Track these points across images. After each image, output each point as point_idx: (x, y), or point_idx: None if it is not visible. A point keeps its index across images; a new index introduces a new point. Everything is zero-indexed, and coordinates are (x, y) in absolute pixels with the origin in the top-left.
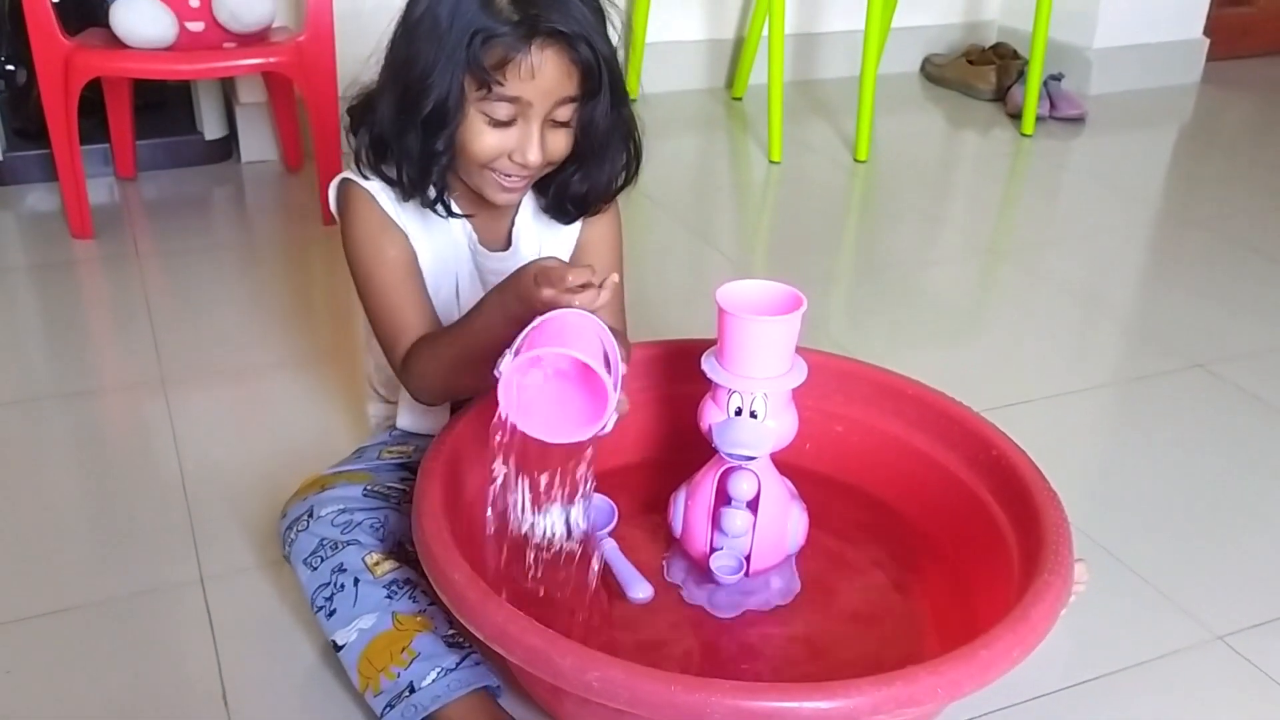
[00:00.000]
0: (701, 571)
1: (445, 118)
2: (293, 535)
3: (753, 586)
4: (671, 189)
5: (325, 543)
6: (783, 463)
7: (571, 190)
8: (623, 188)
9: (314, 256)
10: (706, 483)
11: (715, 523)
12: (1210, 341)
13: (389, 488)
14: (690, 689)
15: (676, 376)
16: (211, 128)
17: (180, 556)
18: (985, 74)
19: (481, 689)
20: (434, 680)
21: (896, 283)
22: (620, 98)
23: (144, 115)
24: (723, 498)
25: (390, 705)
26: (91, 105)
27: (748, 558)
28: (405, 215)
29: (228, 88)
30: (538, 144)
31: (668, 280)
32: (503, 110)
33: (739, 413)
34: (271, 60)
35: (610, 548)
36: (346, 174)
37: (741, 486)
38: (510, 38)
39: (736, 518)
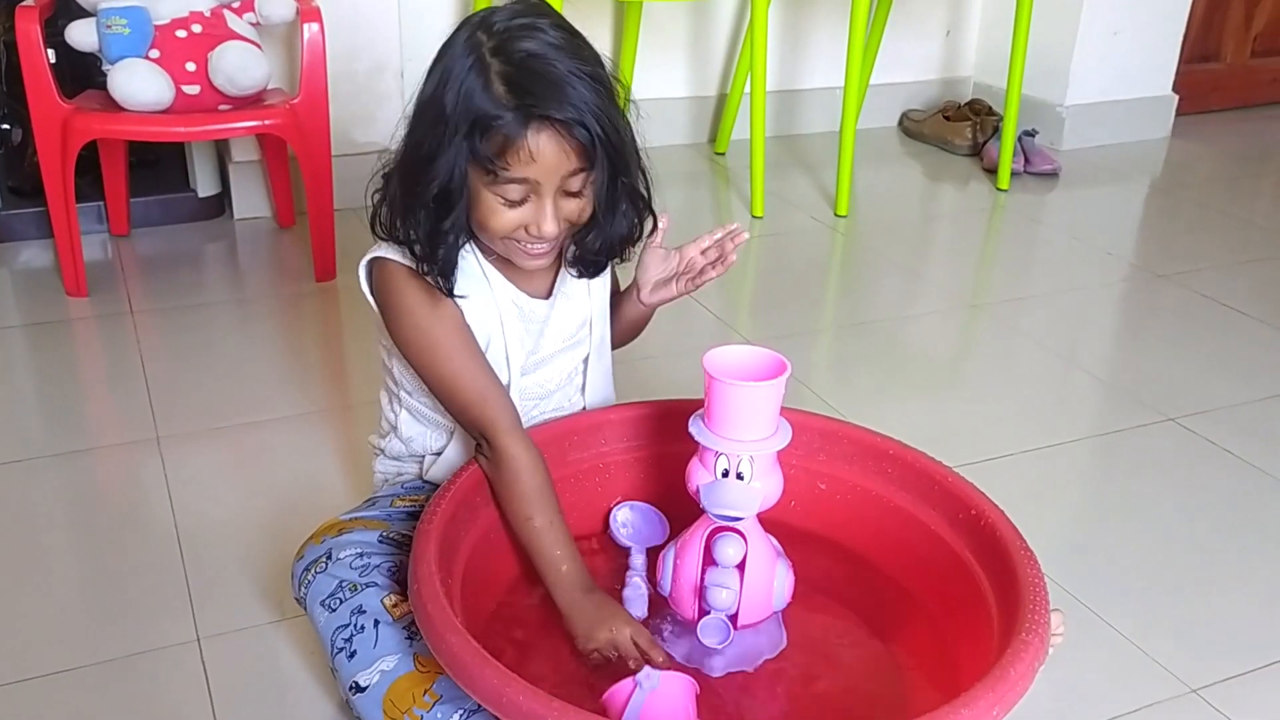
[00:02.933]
0: (689, 631)
1: (450, 200)
2: (310, 577)
3: (740, 643)
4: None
5: (344, 584)
6: (767, 519)
7: (588, 248)
8: (640, 239)
9: (307, 312)
10: (694, 544)
11: (702, 587)
12: (1183, 396)
13: (404, 535)
14: None
15: (665, 436)
16: (205, 185)
17: (176, 616)
18: (961, 129)
19: None
20: None
21: (877, 337)
22: (624, 166)
23: (138, 173)
24: (710, 560)
25: None
26: (86, 163)
27: (733, 617)
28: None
29: (221, 146)
30: (552, 217)
31: (652, 333)
32: (514, 191)
33: (725, 474)
34: (267, 123)
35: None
36: (376, 253)
37: (728, 552)
38: (508, 125)
39: (722, 588)
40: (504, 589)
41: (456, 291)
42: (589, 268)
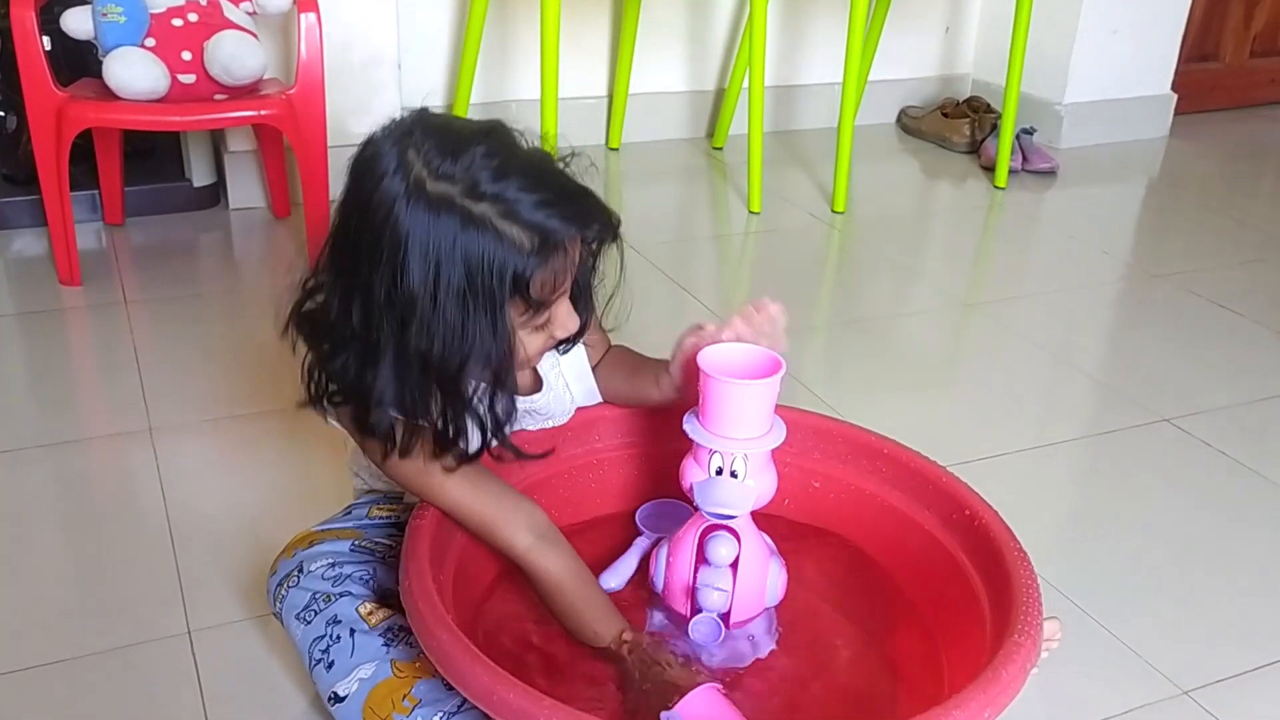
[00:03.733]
0: (681, 627)
1: (509, 368)
2: (283, 591)
3: (732, 640)
4: (652, 238)
5: (317, 596)
6: (761, 517)
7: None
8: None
9: None
10: (687, 542)
11: (695, 586)
12: (1177, 396)
13: (376, 543)
14: None
15: (659, 435)
16: (200, 175)
17: (167, 609)
18: (959, 127)
19: None
20: None
21: (873, 334)
22: (615, 228)
23: (133, 162)
24: (702, 559)
25: None
26: (80, 152)
27: (725, 616)
28: None
29: (216, 136)
30: (574, 311)
31: (647, 328)
32: (546, 314)
33: (719, 472)
34: (263, 113)
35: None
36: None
37: (720, 551)
38: (548, 261)
39: (714, 589)
40: (496, 585)
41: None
42: (572, 340)
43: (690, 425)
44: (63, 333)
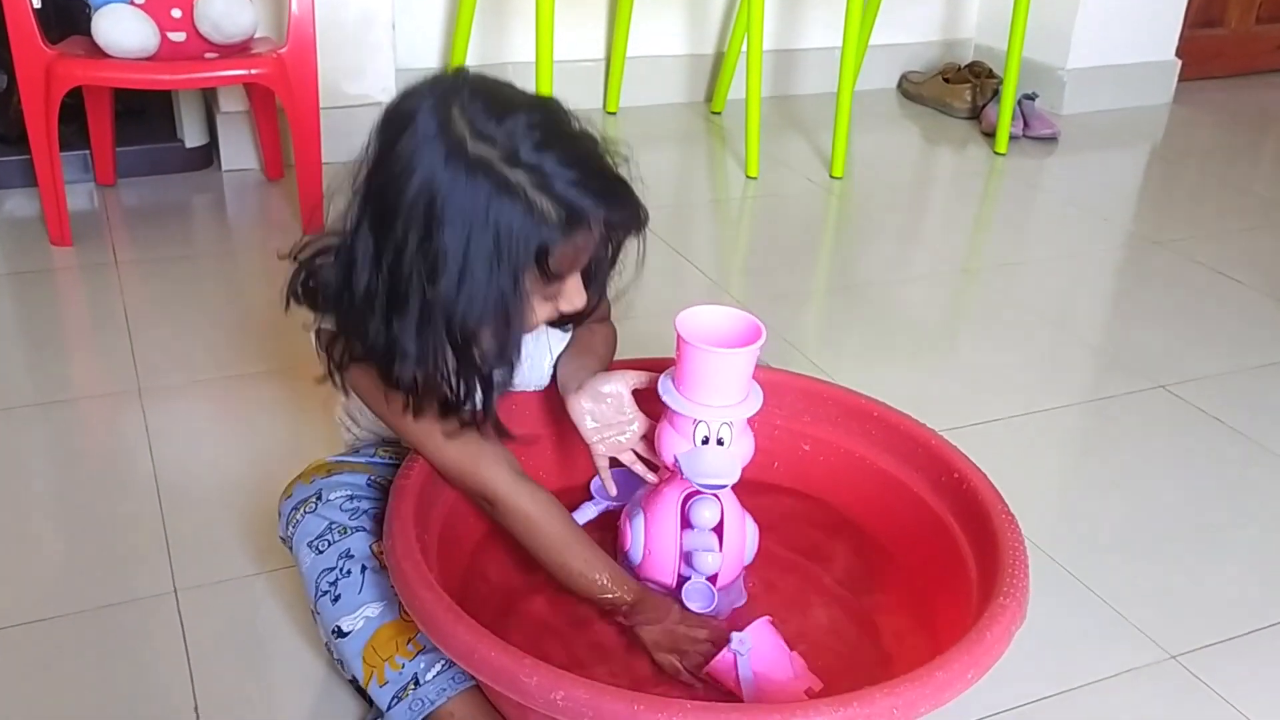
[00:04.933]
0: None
1: (516, 328)
2: (298, 516)
3: (719, 602)
4: (649, 202)
5: (333, 526)
6: (751, 481)
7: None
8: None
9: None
10: (668, 510)
11: (684, 553)
12: (1174, 363)
13: (388, 481)
14: (654, 709)
15: (649, 397)
16: (192, 135)
17: (154, 568)
18: (961, 92)
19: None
20: (439, 673)
21: (869, 300)
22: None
23: (124, 122)
24: (686, 523)
25: (397, 698)
26: (72, 111)
27: (713, 579)
28: None
29: (209, 96)
30: (583, 289)
31: (643, 293)
32: (557, 286)
33: (705, 441)
34: (254, 72)
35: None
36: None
37: (705, 515)
38: (571, 237)
39: (708, 552)
40: (480, 545)
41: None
42: (562, 326)
43: (671, 395)
44: (53, 293)
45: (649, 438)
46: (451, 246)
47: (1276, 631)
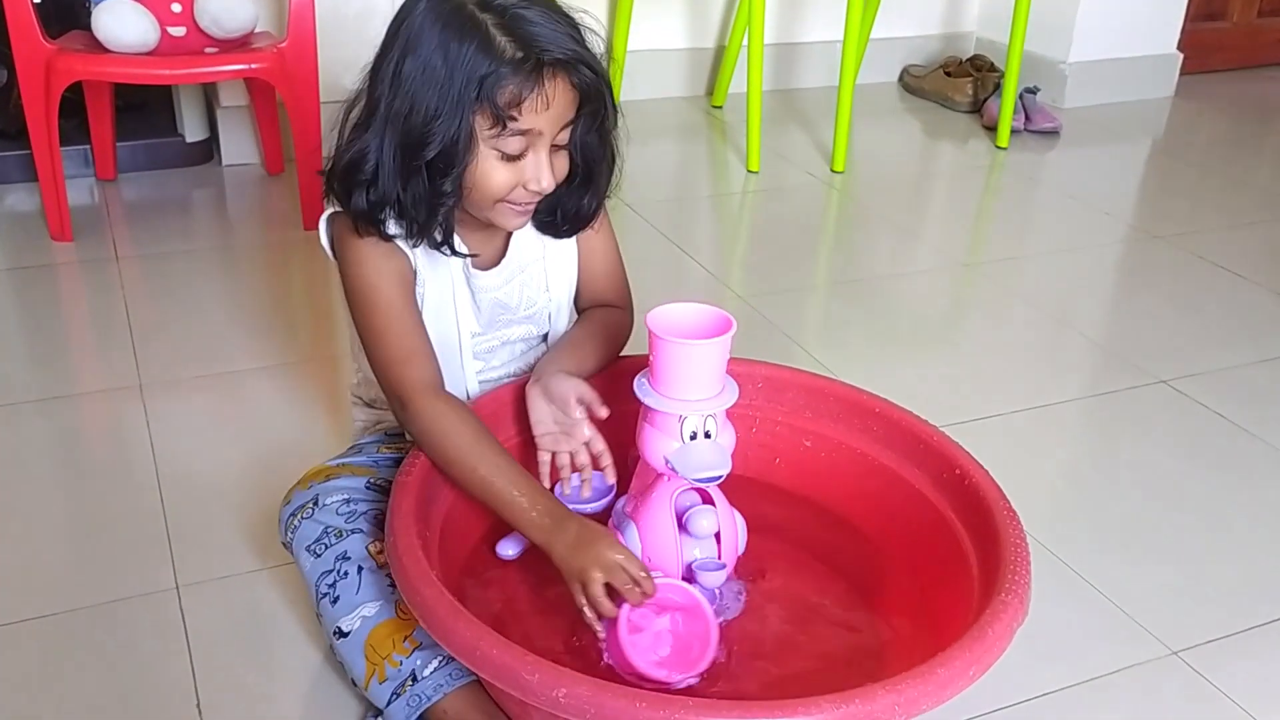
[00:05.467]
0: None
1: (453, 160)
2: (296, 522)
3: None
4: (650, 197)
5: (329, 530)
6: (753, 478)
7: (568, 208)
8: (606, 197)
9: (294, 261)
10: (661, 514)
11: (684, 561)
12: (1175, 358)
13: (389, 482)
14: (655, 706)
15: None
16: (192, 130)
17: (156, 564)
18: (962, 86)
19: (479, 679)
20: (436, 669)
21: (870, 295)
22: (612, 110)
23: (125, 117)
24: (682, 529)
25: (395, 694)
26: (72, 106)
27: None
28: (403, 244)
29: (209, 90)
30: (549, 170)
31: (643, 288)
32: (514, 144)
33: (694, 436)
34: (253, 66)
35: None
36: (333, 209)
37: (703, 524)
38: (520, 75)
39: (713, 570)
40: (483, 541)
41: (455, 249)
42: (558, 232)
43: (652, 397)
44: (54, 288)
45: (599, 453)
46: (411, 69)
47: (1279, 627)
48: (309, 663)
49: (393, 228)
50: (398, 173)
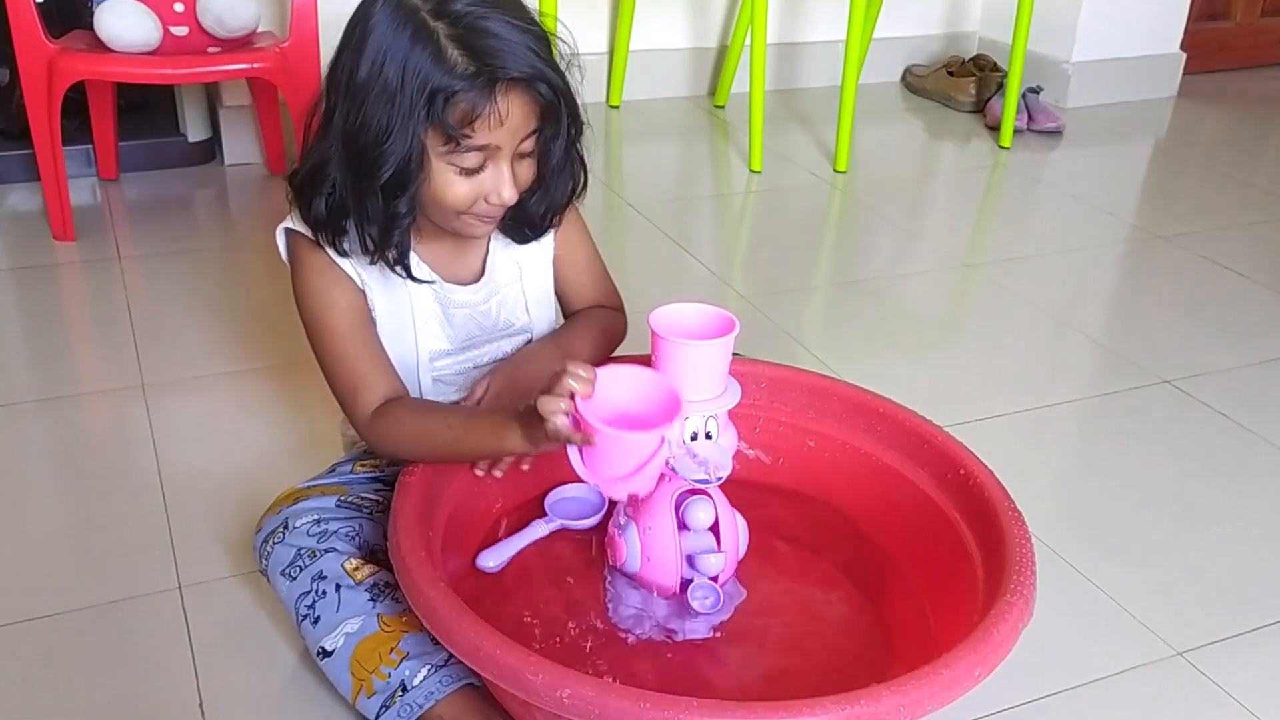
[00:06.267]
0: (672, 601)
1: (407, 179)
2: (269, 548)
3: (724, 599)
4: (652, 196)
5: (302, 552)
6: (756, 478)
7: (529, 212)
8: (573, 200)
9: None
10: (662, 514)
11: (688, 556)
12: (1178, 358)
13: (363, 498)
14: (660, 706)
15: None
16: (195, 130)
17: (158, 564)
18: (965, 85)
19: (471, 684)
20: (425, 678)
21: (872, 294)
22: (576, 121)
23: (127, 116)
24: (682, 527)
25: (385, 706)
26: (74, 106)
27: (714, 577)
28: (357, 263)
29: (211, 90)
30: (510, 182)
31: (646, 288)
32: (471, 159)
33: (695, 437)
34: (255, 66)
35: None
36: (289, 224)
37: (699, 516)
38: (472, 91)
39: (710, 554)
40: (486, 543)
41: (414, 273)
42: (520, 236)
43: None
44: (56, 288)
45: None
46: (362, 77)
47: None
48: (311, 663)
49: (350, 242)
50: (353, 190)
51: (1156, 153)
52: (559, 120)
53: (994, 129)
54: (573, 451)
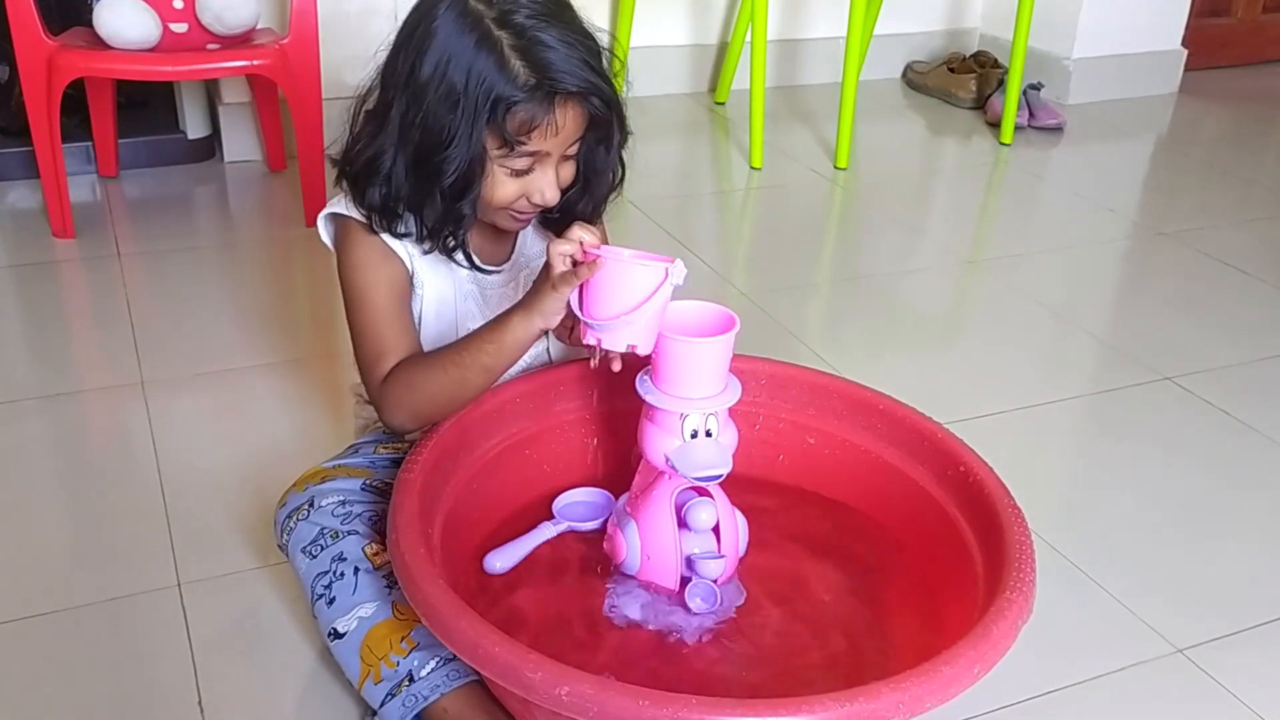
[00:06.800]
0: (671, 602)
1: (471, 181)
2: (292, 524)
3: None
4: (653, 194)
5: (325, 532)
6: (756, 475)
7: (571, 209)
8: (610, 196)
9: (296, 258)
10: (662, 513)
11: (688, 558)
12: (1180, 354)
13: (386, 483)
14: (659, 704)
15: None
16: (194, 127)
17: (157, 561)
18: (966, 82)
19: (478, 680)
20: (433, 670)
21: (874, 292)
22: (623, 129)
23: (127, 114)
24: (683, 526)
25: (391, 694)
26: (74, 103)
27: (715, 578)
28: (403, 244)
29: (211, 87)
30: (554, 184)
31: None
32: (522, 162)
33: (694, 435)
34: (255, 63)
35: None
36: (336, 209)
37: (701, 517)
38: (532, 103)
39: (711, 559)
40: (487, 539)
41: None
42: (561, 221)
43: (654, 394)
44: (56, 285)
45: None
46: (427, 81)
47: None
48: (310, 660)
49: (405, 226)
50: (415, 190)
51: (1158, 149)
52: (608, 129)
53: (995, 126)
54: (574, 299)
